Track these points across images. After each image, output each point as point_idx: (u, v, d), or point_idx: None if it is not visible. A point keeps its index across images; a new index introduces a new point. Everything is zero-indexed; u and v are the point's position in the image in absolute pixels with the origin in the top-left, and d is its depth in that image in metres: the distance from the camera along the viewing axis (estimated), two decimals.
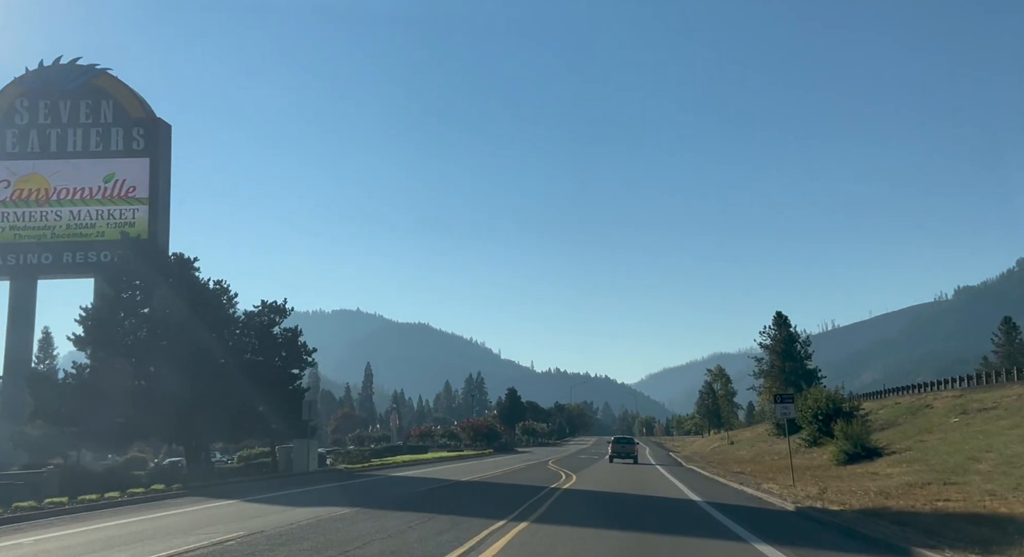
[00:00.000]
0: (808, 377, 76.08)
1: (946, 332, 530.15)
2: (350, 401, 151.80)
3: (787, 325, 76.43)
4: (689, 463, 48.06)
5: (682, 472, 38.94)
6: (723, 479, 31.40)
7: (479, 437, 78.94)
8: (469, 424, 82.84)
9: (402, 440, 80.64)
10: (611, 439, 57.11)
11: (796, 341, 76.39)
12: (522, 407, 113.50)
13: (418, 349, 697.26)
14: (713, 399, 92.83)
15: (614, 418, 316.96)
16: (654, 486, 29.26)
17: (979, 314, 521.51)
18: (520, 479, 32.62)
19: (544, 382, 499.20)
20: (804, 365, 75.97)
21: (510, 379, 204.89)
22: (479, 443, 76.44)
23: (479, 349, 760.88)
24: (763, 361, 79.00)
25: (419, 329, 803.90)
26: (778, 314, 77.15)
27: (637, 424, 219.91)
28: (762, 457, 43.72)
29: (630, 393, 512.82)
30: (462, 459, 55.89)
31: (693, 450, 76.14)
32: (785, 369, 74.86)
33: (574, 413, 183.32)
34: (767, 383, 79.04)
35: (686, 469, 42.00)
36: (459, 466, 43.99)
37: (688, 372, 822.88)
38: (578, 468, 41.23)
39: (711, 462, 45.50)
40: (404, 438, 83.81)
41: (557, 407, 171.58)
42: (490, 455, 64.60)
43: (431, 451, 67.22)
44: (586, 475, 35.74)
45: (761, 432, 67.23)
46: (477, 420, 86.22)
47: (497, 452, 70.45)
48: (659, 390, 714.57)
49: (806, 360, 76.13)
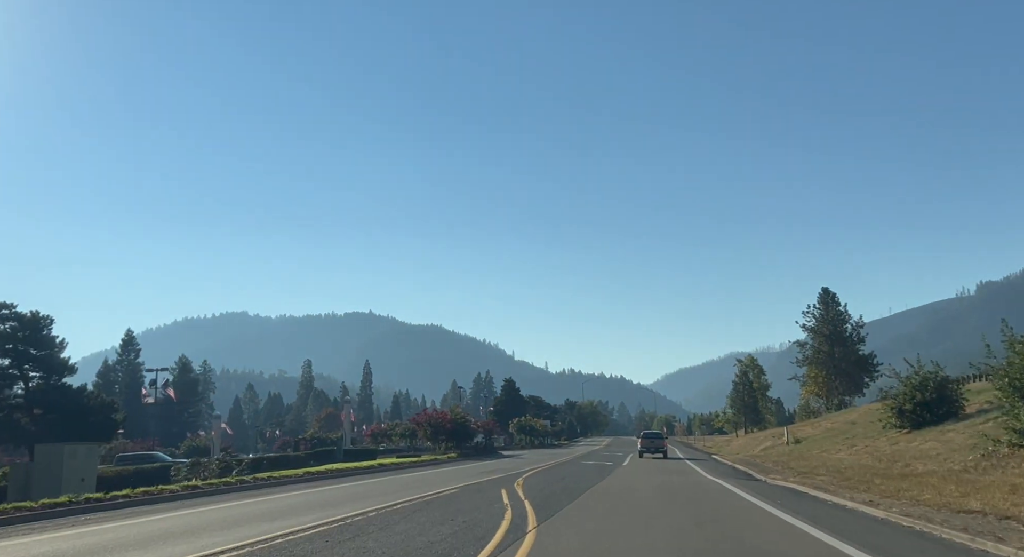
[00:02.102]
0: (862, 365, 65.05)
1: (969, 328, 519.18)
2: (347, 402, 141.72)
3: (835, 303, 65.01)
4: (768, 474, 27.05)
5: (799, 502, 17.38)
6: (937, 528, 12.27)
7: (440, 435, 59.32)
8: (426, 418, 60.97)
9: (366, 441, 68.20)
10: (639, 434, 53.46)
11: (847, 322, 64.98)
12: (521, 401, 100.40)
13: (430, 351, 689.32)
14: (750, 391, 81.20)
15: (630, 418, 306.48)
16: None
17: (1003, 310, 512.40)
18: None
19: (558, 383, 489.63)
20: (857, 350, 64.79)
21: (524, 380, 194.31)
22: (445, 443, 59.23)
23: (492, 350, 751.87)
24: (806, 347, 67.71)
25: (432, 331, 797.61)
26: (824, 291, 65.96)
27: (656, 423, 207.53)
28: (896, 467, 24.51)
29: (646, 393, 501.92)
30: (380, 471, 35.48)
31: (740, 452, 54.53)
32: (835, 355, 63.75)
33: (586, 411, 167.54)
34: (811, 372, 67.89)
35: (790, 491, 21.15)
36: (306, 495, 21.70)
37: (705, 372, 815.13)
38: (558, 501, 18.00)
39: (804, 472, 25.83)
40: (367, 438, 70.16)
41: (568, 404, 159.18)
42: (448, 462, 46.71)
43: (379, 456, 50.14)
44: (566, 525, 13.61)
45: (841, 425, 45.64)
46: (438, 413, 63.29)
47: (466, 457, 53.20)
48: (676, 390, 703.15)
49: (859, 344, 64.80)
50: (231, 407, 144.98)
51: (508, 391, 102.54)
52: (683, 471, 32.57)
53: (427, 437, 60.16)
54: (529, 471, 31.94)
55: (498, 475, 29.18)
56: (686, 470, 33.36)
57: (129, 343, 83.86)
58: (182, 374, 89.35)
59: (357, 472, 33.50)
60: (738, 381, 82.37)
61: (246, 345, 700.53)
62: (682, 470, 33.42)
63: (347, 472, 32.81)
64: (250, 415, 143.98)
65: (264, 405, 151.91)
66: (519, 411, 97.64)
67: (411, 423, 65.15)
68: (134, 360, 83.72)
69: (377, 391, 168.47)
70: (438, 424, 59.53)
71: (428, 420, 60.66)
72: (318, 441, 63.16)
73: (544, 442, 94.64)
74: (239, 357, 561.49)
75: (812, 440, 43.89)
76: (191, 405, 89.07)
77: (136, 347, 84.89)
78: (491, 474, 30.19)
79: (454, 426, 60.51)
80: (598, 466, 37.26)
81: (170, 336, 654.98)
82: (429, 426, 59.68)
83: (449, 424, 60.09)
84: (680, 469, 34.27)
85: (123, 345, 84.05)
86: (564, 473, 30.86)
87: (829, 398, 66.06)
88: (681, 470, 33.45)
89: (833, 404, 64.91)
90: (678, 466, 37.30)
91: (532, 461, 44.22)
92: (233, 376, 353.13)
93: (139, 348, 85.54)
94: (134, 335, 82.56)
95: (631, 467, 36.25)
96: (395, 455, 52.93)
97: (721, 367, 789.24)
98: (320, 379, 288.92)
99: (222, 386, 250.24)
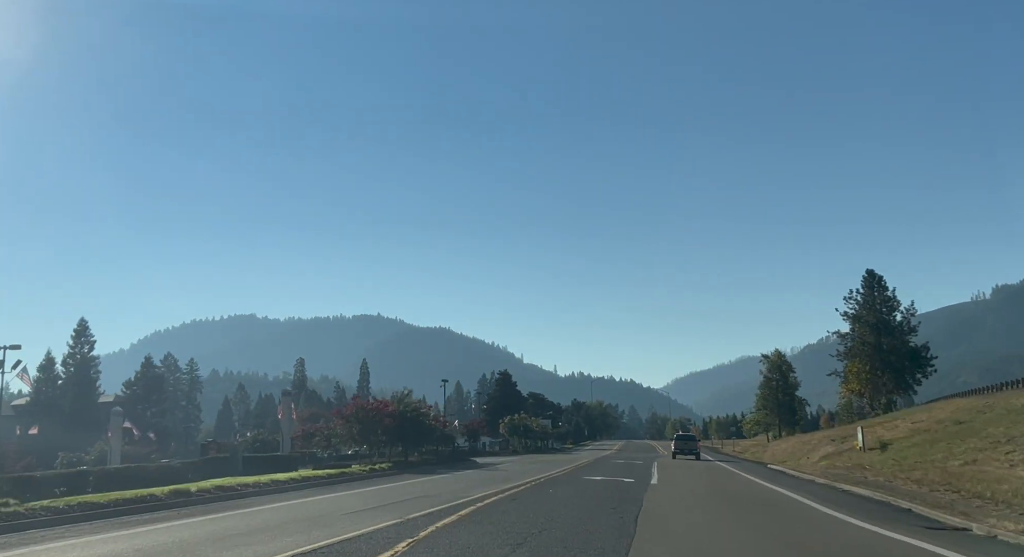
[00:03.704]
0: (914, 358, 56.75)
1: (987, 331, 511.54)
2: (343, 403, 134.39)
3: (882, 287, 56.61)
4: (963, 516, 16.19)
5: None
6: None
7: (370, 435, 41.52)
8: (355, 409, 42.79)
9: (296, 442, 52.47)
10: (673, 436, 47.85)
11: (896, 309, 56.55)
12: (518, 398, 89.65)
13: (438, 354, 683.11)
14: (785, 388, 72.15)
15: (641, 422, 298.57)
16: None
17: (1020, 313, 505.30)
18: None
19: (567, 385, 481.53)
20: (906, 341, 56.37)
21: (532, 383, 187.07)
22: (388, 446, 42.53)
23: (501, 353, 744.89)
24: (847, 337, 59.26)
25: (440, 334, 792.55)
26: (869, 273, 57.70)
27: (669, 427, 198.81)
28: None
29: (656, 397, 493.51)
30: (197, 503, 22.13)
31: (795, 460, 43.20)
32: (882, 346, 55.38)
33: (595, 412, 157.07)
34: (853, 367, 59.43)
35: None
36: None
37: (716, 376, 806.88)
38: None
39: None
40: (298, 439, 54.40)
41: (575, 405, 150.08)
42: (370, 478, 31.88)
43: (298, 467, 36.31)
44: None
45: (929, 425, 35.59)
46: (374, 403, 44.85)
47: (406, 470, 37.10)
48: (686, 394, 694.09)
49: (910, 335, 56.38)
50: (220, 409, 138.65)
51: (503, 386, 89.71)
52: (776, 503, 19.76)
53: (352, 438, 42.19)
54: (474, 504, 18.74)
55: (380, 523, 15.27)
56: (780, 501, 20.41)
57: (82, 333, 72.96)
58: (145, 370, 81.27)
59: (167, 505, 20.68)
60: (769, 376, 73.36)
61: (254, 347, 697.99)
62: (773, 500, 20.66)
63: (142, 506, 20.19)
64: (240, 416, 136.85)
65: (256, 406, 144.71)
66: (516, 409, 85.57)
67: (335, 416, 45.74)
68: (88, 353, 73.50)
69: (383, 393, 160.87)
70: (373, 419, 41.08)
71: (357, 413, 41.50)
72: (260, 444, 51.52)
73: (546, 445, 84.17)
74: (247, 359, 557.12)
75: (904, 445, 32.66)
76: (155, 404, 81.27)
77: (91, 339, 74.53)
78: (374, 514, 17.03)
79: (398, 422, 41.43)
80: (611, 488, 23.84)
81: (178, 338, 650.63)
82: (358, 422, 41.01)
83: (389, 419, 41.28)
84: (767, 498, 21.32)
85: (75, 336, 73.54)
86: (544, 509, 17.65)
87: (874, 397, 57.84)
88: (770, 499, 20.84)
89: (880, 403, 56.70)
90: (762, 493, 23.66)
91: (506, 477, 30.86)
92: (237, 378, 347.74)
93: (94, 340, 75.14)
94: (88, 324, 73.45)
95: (669, 491, 23.14)
96: (311, 465, 39.32)
97: (732, 371, 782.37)
98: (324, 381, 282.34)
99: (225, 388, 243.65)
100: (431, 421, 46.62)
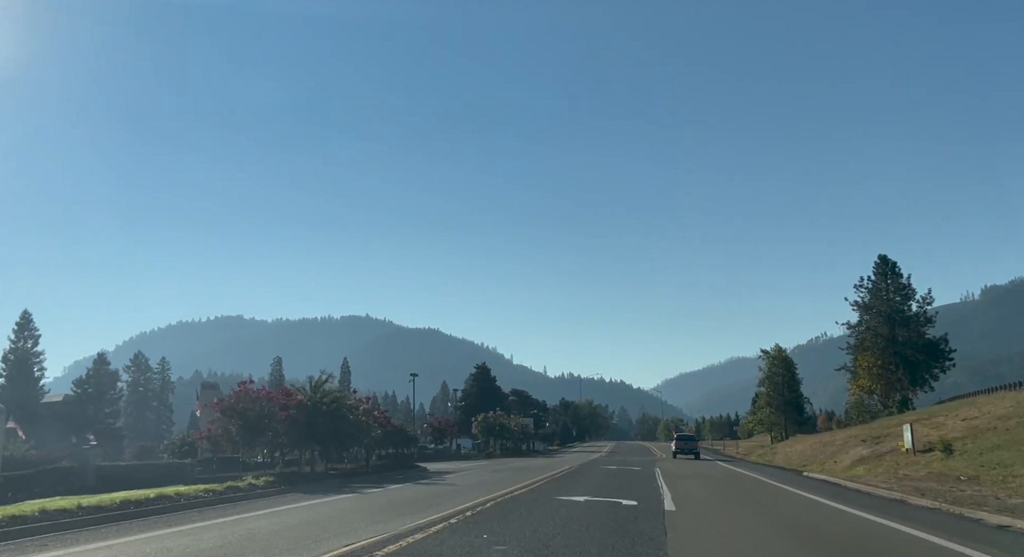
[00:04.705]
0: (930, 351, 52.13)
1: (976, 332, 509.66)
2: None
3: (896, 274, 51.80)
4: None
5: None
6: None
7: (257, 435, 31.07)
8: (236, 399, 31.03)
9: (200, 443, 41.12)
10: (668, 437, 39.71)
11: (911, 299, 51.86)
12: (498, 394, 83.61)
13: (427, 354, 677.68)
14: (791, 385, 66.73)
15: (631, 422, 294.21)
16: None
17: (1010, 313, 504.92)
18: None
19: (557, 386, 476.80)
20: (923, 333, 51.73)
21: (522, 384, 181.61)
22: (297, 449, 33.88)
23: (490, 354, 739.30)
24: (858, 328, 54.51)
25: (429, 334, 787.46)
26: (882, 259, 52.93)
27: (661, 427, 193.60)
28: None
29: (647, 398, 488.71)
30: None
31: (818, 464, 36.85)
32: (896, 338, 50.71)
33: (584, 412, 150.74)
34: (864, 361, 54.60)
35: None
36: None
37: (706, 377, 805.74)
38: None
39: None
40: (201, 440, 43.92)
41: (563, 404, 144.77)
42: (192, 507, 19.37)
43: (179, 482, 25.48)
44: None
45: (990, 422, 30.83)
46: (265, 391, 33.27)
47: (321, 484, 28.12)
48: (676, 395, 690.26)
49: (927, 326, 51.74)
50: (192, 410, 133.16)
51: (480, 381, 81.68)
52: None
53: (231, 439, 31.13)
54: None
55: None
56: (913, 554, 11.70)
57: (25, 327, 67.64)
58: (97, 368, 75.45)
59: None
60: (772, 371, 68.00)
61: (241, 349, 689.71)
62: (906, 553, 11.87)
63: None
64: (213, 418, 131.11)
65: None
66: (495, 406, 77.81)
67: (214, 409, 32.04)
68: (30, 348, 67.72)
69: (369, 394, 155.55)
70: (262, 413, 30.27)
71: (237, 405, 30.06)
72: (188, 448, 44.51)
73: (528, 447, 76.69)
74: (234, 361, 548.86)
75: (979, 447, 25.38)
76: (108, 404, 75.63)
77: (35, 333, 68.33)
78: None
79: (308, 417, 31.02)
80: (600, 522, 14.62)
81: (165, 340, 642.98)
82: (240, 417, 29.86)
83: (293, 412, 30.88)
84: (890, 548, 12.32)
85: (18, 329, 67.68)
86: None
87: (887, 394, 53.18)
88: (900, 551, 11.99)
89: (894, 401, 52.07)
90: (867, 529, 14.14)
91: (443, 496, 21.62)
92: (222, 379, 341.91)
93: (39, 334, 69.11)
94: (31, 317, 67.40)
95: (703, 529, 14.32)
96: (206, 478, 28.39)
97: (722, 372, 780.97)
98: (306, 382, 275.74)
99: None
100: (362, 417, 35.74)
